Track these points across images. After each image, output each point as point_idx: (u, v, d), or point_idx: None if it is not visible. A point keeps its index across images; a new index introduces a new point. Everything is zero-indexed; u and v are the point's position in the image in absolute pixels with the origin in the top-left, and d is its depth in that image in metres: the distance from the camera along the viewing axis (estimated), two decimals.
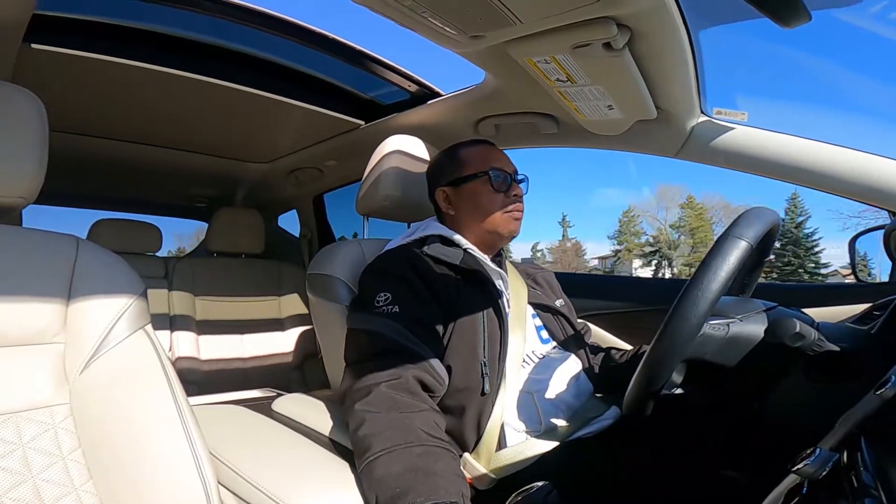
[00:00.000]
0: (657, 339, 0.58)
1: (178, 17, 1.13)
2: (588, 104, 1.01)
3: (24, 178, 0.63)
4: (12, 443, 0.57)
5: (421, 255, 0.91)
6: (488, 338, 0.85)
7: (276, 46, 1.27)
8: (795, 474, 0.44)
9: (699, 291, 0.56)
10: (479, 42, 0.84)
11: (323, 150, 1.77)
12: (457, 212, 0.99)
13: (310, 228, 2.26)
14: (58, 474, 0.58)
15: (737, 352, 0.65)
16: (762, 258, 0.78)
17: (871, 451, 0.43)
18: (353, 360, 0.80)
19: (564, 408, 0.88)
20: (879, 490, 0.38)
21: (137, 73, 1.20)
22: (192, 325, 1.90)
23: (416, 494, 0.60)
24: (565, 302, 1.09)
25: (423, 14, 0.73)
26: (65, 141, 1.62)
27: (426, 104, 1.35)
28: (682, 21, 0.75)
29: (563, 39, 0.79)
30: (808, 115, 33.54)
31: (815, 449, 0.44)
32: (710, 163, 1.11)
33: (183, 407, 0.63)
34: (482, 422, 0.81)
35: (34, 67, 1.13)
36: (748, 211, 0.63)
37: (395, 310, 0.81)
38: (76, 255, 0.65)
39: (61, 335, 0.62)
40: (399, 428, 0.68)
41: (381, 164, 1.08)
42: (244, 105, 1.42)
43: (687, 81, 0.92)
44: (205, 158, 1.93)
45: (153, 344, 0.66)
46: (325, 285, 0.97)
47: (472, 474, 0.80)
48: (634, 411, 0.65)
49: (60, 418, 0.60)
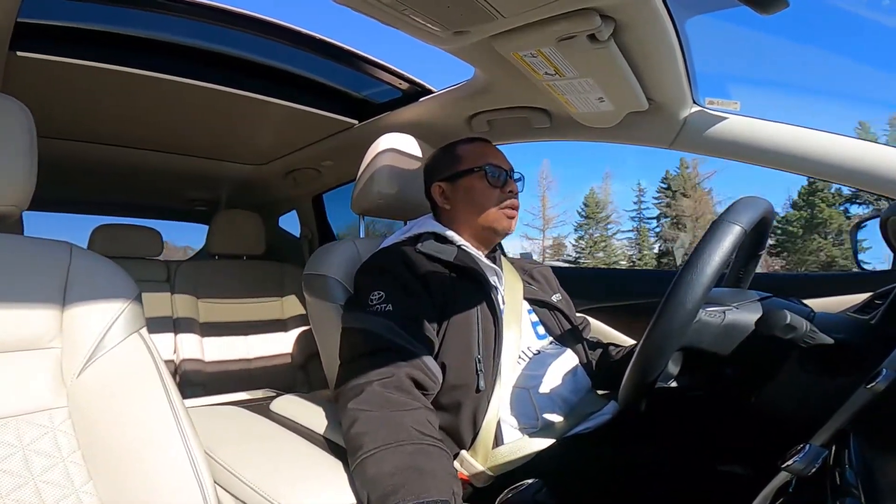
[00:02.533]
0: (653, 324, 0.57)
1: (168, 23, 1.13)
2: (579, 97, 1.01)
3: (14, 185, 0.64)
4: (13, 445, 0.58)
5: (415, 253, 0.91)
6: (483, 334, 0.85)
7: (266, 49, 1.27)
8: (785, 471, 0.43)
9: (693, 275, 0.55)
10: (463, 38, 0.84)
11: (319, 151, 1.78)
12: (452, 207, 0.99)
13: (310, 229, 2.27)
14: (58, 476, 0.59)
15: (733, 340, 0.64)
16: (757, 251, 0.78)
17: (858, 447, 0.42)
18: (347, 358, 0.81)
19: (561, 403, 0.88)
20: (860, 489, 0.37)
21: (127, 79, 1.21)
22: (195, 327, 1.92)
23: (408, 493, 0.60)
24: (563, 297, 1.09)
25: (404, 12, 0.73)
26: (59, 148, 1.63)
27: (418, 102, 1.35)
28: (665, 11, 0.75)
29: (548, 32, 0.78)
30: (803, 104, 33.24)
31: (806, 445, 0.43)
32: (704, 153, 1.10)
33: (178, 408, 0.63)
34: (478, 419, 0.82)
35: (20, 75, 1.14)
36: (742, 198, 0.62)
37: (389, 308, 0.82)
38: (69, 261, 0.66)
39: (57, 340, 0.63)
40: (391, 426, 0.68)
41: (375, 163, 1.08)
42: (237, 108, 1.43)
43: (676, 72, 0.92)
44: (200, 162, 1.94)
45: (148, 347, 0.67)
46: (321, 285, 0.97)
47: (469, 472, 0.80)
48: (630, 402, 0.65)
49: (59, 421, 0.61)
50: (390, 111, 1.43)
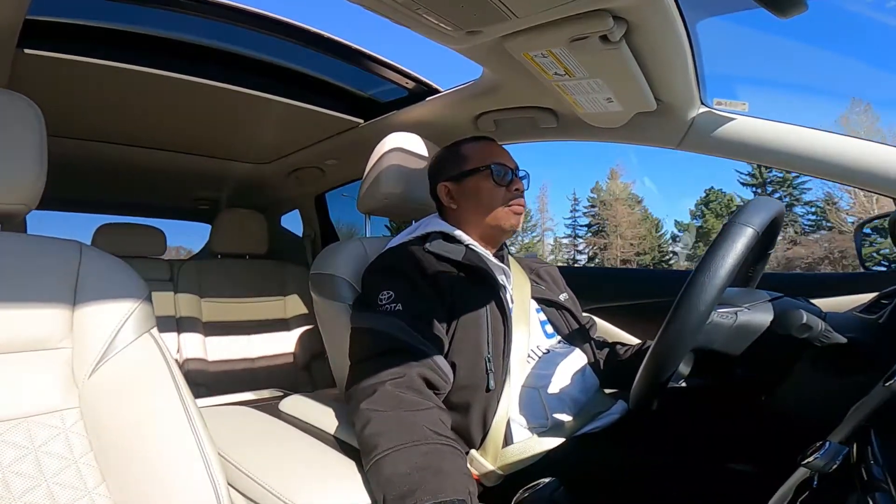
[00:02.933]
0: (665, 326, 0.57)
1: (175, 21, 1.13)
2: (587, 97, 1.01)
3: (24, 184, 0.63)
4: (25, 447, 0.57)
5: (423, 252, 0.91)
6: (492, 334, 0.85)
7: (273, 47, 1.27)
8: (805, 468, 0.43)
9: (707, 278, 0.55)
10: (475, 38, 0.84)
11: (323, 150, 1.77)
12: (458, 206, 0.99)
13: (313, 228, 2.26)
14: (71, 478, 0.58)
15: (744, 341, 0.65)
16: (766, 250, 0.78)
17: (880, 443, 0.42)
18: (358, 359, 0.81)
19: (570, 403, 0.88)
20: (889, 484, 0.38)
21: (135, 77, 1.20)
22: (198, 326, 1.91)
23: (424, 493, 0.60)
24: (570, 296, 1.09)
25: (417, 11, 0.73)
26: (65, 146, 1.62)
27: (425, 101, 1.35)
28: (678, 12, 0.75)
29: (560, 33, 0.78)
30: (810, 105, 33.30)
31: (825, 442, 0.43)
32: (711, 153, 1.10)
33: (191, 408, 0.63)
34: (488, 418, 0.82)
35: (30, 73, 1.13)
36: (754, 199, 0.62)
37: (399, 308, 0.82)
38: (80, 261, 0.66)
39: (68, 340, 0.63)
40: (405, 426, 0.68)
41: (382, 162, 1.08)
42: (242, 106, 1.42)
43: (686, 73, 0.92)
44: (205, 160, 1.93)
45: (159, 347, 0.66)
46: (328, 285, 0.97)
47: (479, 471, 0.80)
48: (642, 403, 0.65)
49: (71, 422, 0.61)
50: (396, 110, 1.43)
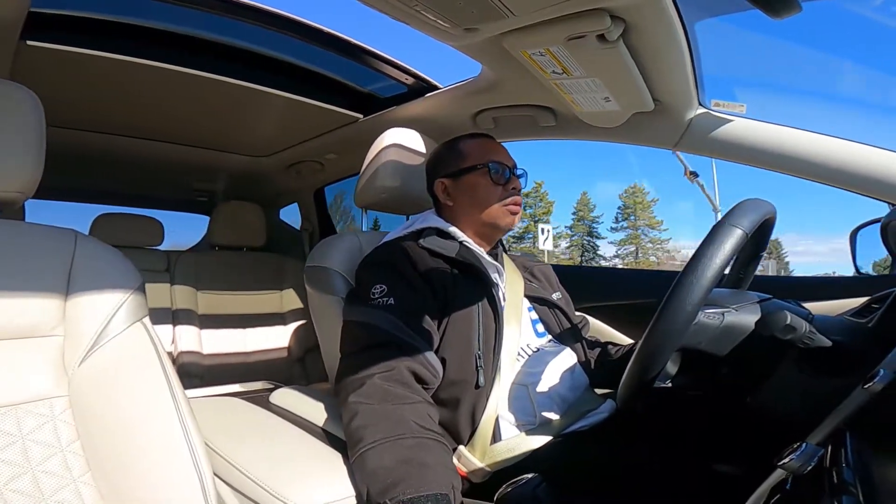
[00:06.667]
0: (652, 326, 0.57)
1: (176, 14, 1.13)
2: (585, 96, 1.01)
3: (22, 173, 0.64)
4: (12, 435, 0.57)
5: (417, 248, 0.91)
6: (483, 330, 0.86)
7: (274, 42, 1.27)
8: (780, 469, 0.43)
9: (694, 278, 0.55)
10: (473, 35, 0.84)
11: (322, 144, 1.77)
12: (455, 203, 0.99)
13: (311, 222, 2.26)
14: (57, 466, 0.59)
15: (730, 342, 0.65)
16: (758, 252, 0.78)
17: (854, 446, 0.42)
18: (348, 351, 0.81)
19: (559, 401, 0.88)
20: (857, 488, 0.38)
21: (136, 69, 1.21)
22: (194, 319, 1.91)
23: (407, 486, 0.60)
24: (563, 295, 1.09)
25: (416, 8, 0.73)
26: (63, 136, 1.62)
27: (424, 97, 1.35)
28: (676, 13, 0.75)
29: (557, 31, 0.78)
30: (811, 109, 33.09)
31: (802, 443, 0.43)
32: (708, 154, 1.11)
33: (179, 399, 0.63)
34: (476, 415, 0.82)
35: (31, 64, 1.14)
36: (745, 201, 0.62)
37: (391, 302, 0.82)
38: (74, 249, 0.66)
39: (60, 328, 0.63)
40: (391, 419, 0.68)
41: (380, 157, 1.08)
42: (242, 99, 1.42)
43: (684, 74, 0.92)
44: (204, 152, 1.93)
45: (150, 336, 0.67)
46: (322, 278, 0.97)
47: (467, 467, 0.80)
48: (629, 402, 0.65)
49: (59, 410, 0.61)
50: (395, 106, 1.43)
